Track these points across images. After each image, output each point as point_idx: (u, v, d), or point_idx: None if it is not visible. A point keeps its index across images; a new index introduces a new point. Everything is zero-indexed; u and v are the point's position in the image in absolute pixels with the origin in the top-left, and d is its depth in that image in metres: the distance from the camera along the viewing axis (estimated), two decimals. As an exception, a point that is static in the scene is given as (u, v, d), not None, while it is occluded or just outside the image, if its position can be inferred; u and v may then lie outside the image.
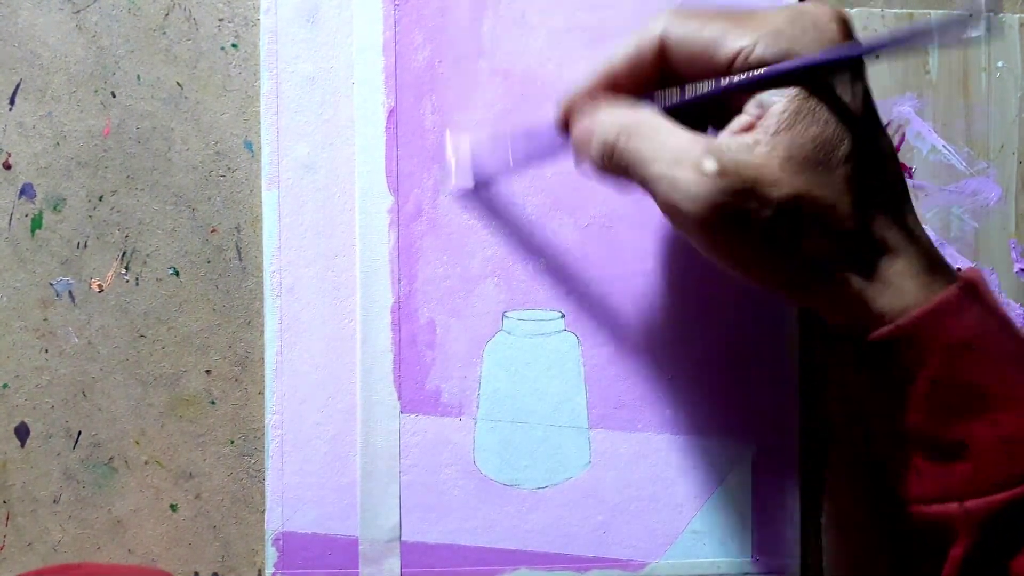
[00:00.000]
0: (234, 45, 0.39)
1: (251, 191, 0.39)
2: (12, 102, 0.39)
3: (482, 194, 0.39)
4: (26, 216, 0.39)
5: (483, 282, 0.39)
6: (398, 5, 0.39)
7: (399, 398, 0.39)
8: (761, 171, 0.27)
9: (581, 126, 0.32)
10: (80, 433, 0.39)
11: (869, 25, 0.40)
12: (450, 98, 0.39)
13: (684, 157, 0.28)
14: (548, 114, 0.34)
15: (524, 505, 0.40)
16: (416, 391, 0.39)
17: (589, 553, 0.40)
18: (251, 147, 0.39)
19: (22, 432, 0.39)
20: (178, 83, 0.39)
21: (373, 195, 0.39)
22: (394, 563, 0.39)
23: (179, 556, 0.39)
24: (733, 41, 0.28)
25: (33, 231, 0.39)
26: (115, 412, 0.39)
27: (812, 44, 0.28)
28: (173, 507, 0.39)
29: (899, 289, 0.28)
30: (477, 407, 0.39)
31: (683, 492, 0.40)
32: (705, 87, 0.29)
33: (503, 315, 0.39)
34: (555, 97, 0.33)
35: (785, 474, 0.40)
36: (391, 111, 0.39)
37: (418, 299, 0.39)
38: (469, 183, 0.38)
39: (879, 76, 0.40)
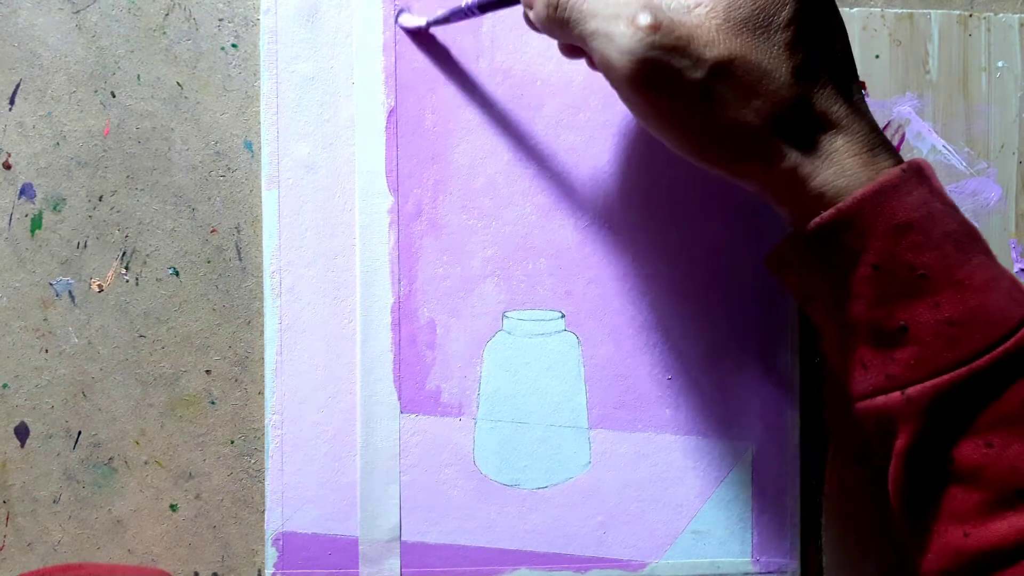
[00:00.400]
0: (234, 45, 0.39)
1: (251, 191, 0.39)
2: (12, 102, 0.39)
3: (433, 31, 0.39)
4: (26, 216, 0.39)
5: (483, 282, 0.39)
6: (398, 5, 0.39)
7: (399, 398, 0.39)
8: (696, 31, 0.27)
9: None
10: (80, 433, 0.39)
11: (869, 25, 0.40)
12: (450, 98, 0.39)
13: (622, 12, 0.28)
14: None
15: (524, 505, 0.40)
16: (416, 391, 0.39)
17: (589, 553, 0.40)
18: (251, 147, 0.39)
19: (22, 432, 0.39)
20: (178, 83, 0.39)
21: (373, 195, 0.39)
22: (394, 563, 0.39)
23: (179, 556, 0.39)
24: None
25: (33, 231, 0.39)
26: (115, 412, 0.39)
27: None
28: (173, 507, 0.39)
29: (839, 166, 0.28)
30: (477, 407, 0.39)
31: (683, 492, 0.40)
32: None
33: (503, 315, 0.39)
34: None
35: (785, 474, 0.40)
36: (391, 111, 0.39)
37: (418, 299, 0.39)
38: (421, 23, 0.38)
39: (879, 76, 0.40)
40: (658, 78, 0.28)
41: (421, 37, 0.39)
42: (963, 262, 0.28)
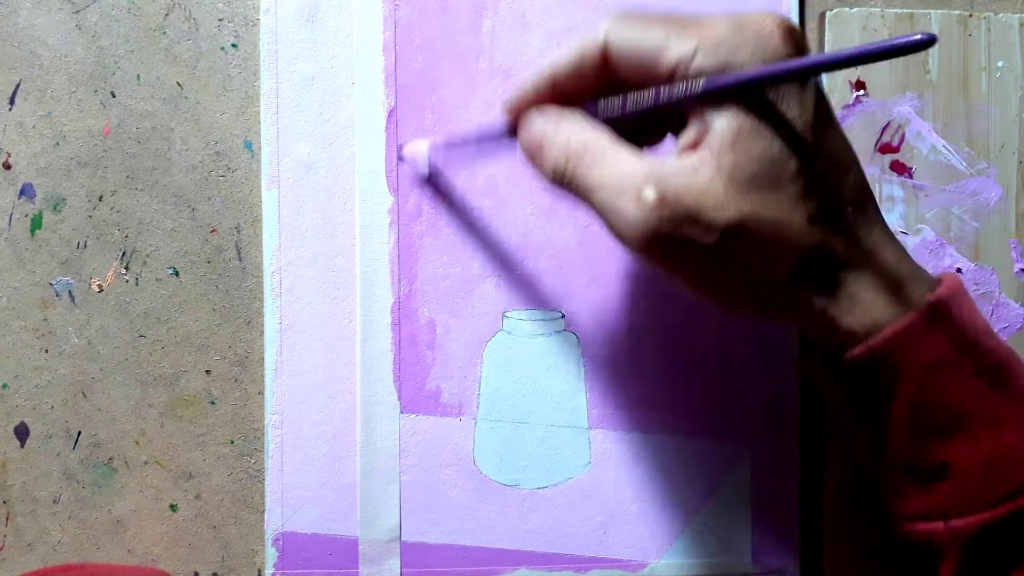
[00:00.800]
0: (234, 45, 0.39)
1: (251, 191, 0.39)
2: (12, 102, 0.39)
3: (437, 182, 0.39)
4: (26, 216, 0.39)
5: (483, 282, 0.39)
6: (398, 5, 0.39)
7: (399, 398, 0.39)
8: (703, 196, 0.26)
9: (527, 136, 0.31)
10: (80, 433, 0.39)
11: (869, 25, 0.40)
12: (450, 98, 0.39)
13: (626, 185, 0.27)
14: (498, 115, 0.34)
15: (524, 505, 0.40)
16: (416, 391, 0.39)
17: (589, 553, 0.40)
18: (251, 147, 0.39)
19: (22, 432, 0.39)
20: (178, 83, 0.39)
21: (373, 195, 0.39)
22: (394, 563, 0.39)
23: (179, 556, 0.39)
24: (673, 50, 0.27)
25: (33, 231, 0.39)
26: (115, 412, 0.39)
27: (753, 56, 0.26)
28: (173, 507, 0.39)
29: (866, 305, 0.27)
30: (477, 407, 0.39)
31: (683, 492, 0.40)
32: (645, 98, 0.28)
33: (503, 315, 0.39)
34: (501, 100, 0.32)
35: (785, 474, 0.40)
36: (391, 111, 0.39)
37: (418, 299, 0.39)
38: (424, 172, 0.38)
39: (879, 76, 0.40)
40: (671, 248, 0.27)
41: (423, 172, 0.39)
42: (999, 398, 0.27)
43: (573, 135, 0.29)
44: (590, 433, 0.40)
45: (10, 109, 0.39)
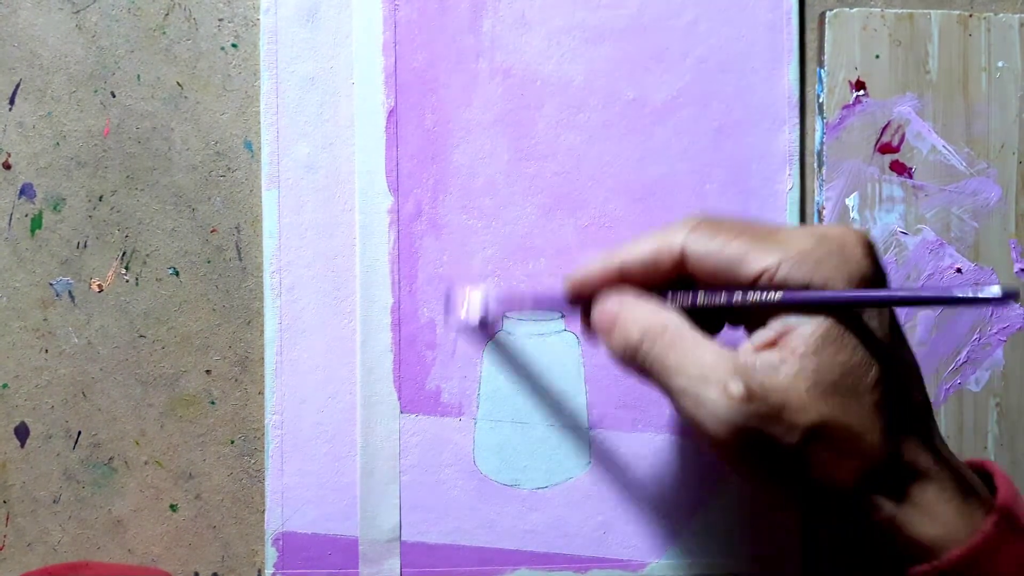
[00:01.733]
0: (234, 45, 0.39)
1: (251, 191, 0.39)
2: (12, 102, 0.39)
3: (484, 331, 0.39)
4: (26, 216, 0.39)
5: (483, 282, 0.39)
6: (398, 5, 0.39)
7: (399, 398, 0.39)
8: (788, 395, 0.27)
9: (602, 312, 0.31)
10: (80, 433, 0.39)
11: (869, 25, 0.40)
12: (450, 98, 0.39)
13: (711, 375, 0.27)
14: (557, 281, 0.34)
15: (524, 505, 0.40)
16: (416, 391, 0.39)
17: (589, 553, 0.40)
18: (251, 147, 0.39)
19: (22, 432, 0.39)
20: (178, 83, 0.39)
21: (373, 195, 0.39)
22: (394, 563, 0.39)
23: (179, 556, 0.39)
24: (756, 261, 0.27)
25: (33, 231, 0.39)
26: (115, 412, 0.39)
27: (838, 271, 0.27)
28: (173, 507, 0.39)
29: (933, 516, 0.27)
30: (477, 407, 0.39)
31: (683, 492, 0.40)
32: (718, 298, 0.29)
33: (503, 315, 0.39)
34: (565, 274, 0.32)
35: (785, 474, 0.40)
36: (391, 111, 0.39)
37: (418, 299, 0.39)
38: (475, 322, 0.38)
39: (879, 76, 0.40)
40: (753, 445, 0.27)
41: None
42: None
43: (650, 315, 0.29)
44: (590, 433, 0.40)
45: (10, 109, 0.39)
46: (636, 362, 0.29)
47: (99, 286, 0.39)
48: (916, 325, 0.41)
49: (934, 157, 0.41)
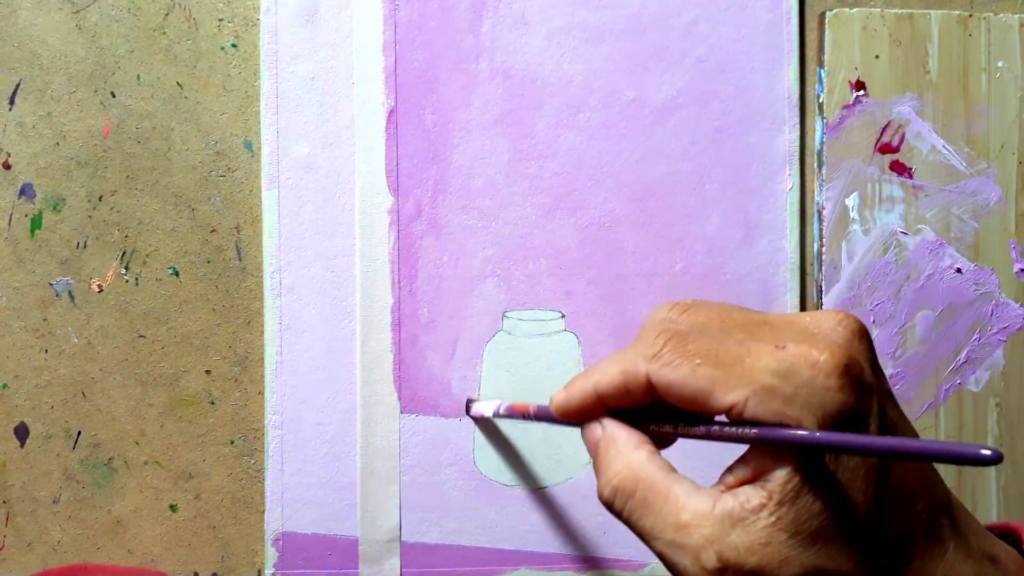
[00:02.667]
0: (234, 45, 0.39)
1: (251, 191, 0.39)
2: (12, 102, 0.39)
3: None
4: (26, 216, 0.39)
5: (483, 282, 0.39)
6: (398, 5, 0.39)
7: (399, 398, 0.39)
8: (765, 554, 0.25)
9: (587, 444, 0.30)
10: (80, 433, 0.39)
11: (869, 25, 0.40)
12: (450, 98, 0.39)
13: (684, 541, 0.26)
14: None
15: (524, 505, 0.39)
16: (416, 391, 0.39)
17: (589, 553, 0.40)
18: (251, 147, 0.39)
19: (22, 432, 0.39)
20: (178, 83, 0.39)
21: (373, 195, 0.39)
22: (394, 563, 0.39)
23: (179, 556, 0.39)
24: (724, 396, 0.25)
25: (33, 231, 0.39)
26: (115, 412, 0.39)
27: (808, 410, 0.24)
28: (173, 507, 0.39)
29: None
30: (477, 407, 0.39)
31: (683, 492, 0.40)
32: (697, 432, 0.27)
33: (503, 315, 0.39)
34: (551, 396, 0.31)
35: (785, 474, 0.40)
36: (391, 111, 0.39)
37: (418, 299, 0.39)
38: (488, 415, 0.38)
39: (879, 76, 0.40)
40: None
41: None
42: None
43: (622, 469, 0.28)
44: (590, 433, 0.40)
45: (10, 109, 0.39)
46: (616, 512, 0.28)
47: (99, 286, 0.39)
48: (916, 325, 0.41)
49: (934, 157, 0.41)
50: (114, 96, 0.39)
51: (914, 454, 0.23)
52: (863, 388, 0.25)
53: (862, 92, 0.40)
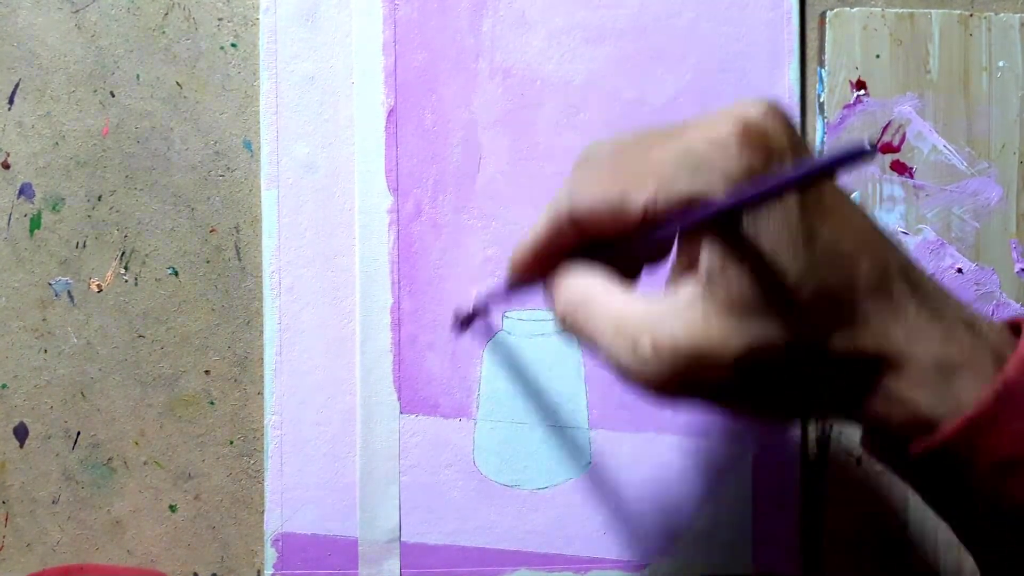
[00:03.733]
0: (233, 44, 0.39)
1: (250, 191, 0.39)
2: (11, 102, 0.39)
3: (480, 322, 0.40)
4: (25, 216, 0.39)
5: (483, 282, 0.39)
6: (398, 5, 0.39)
7: (399, 398, 0.39)
8: (702, 335, 0.24)
9: (548, 292, 0.30)
10: (79, 434, 0.39)
11: (869, 25, 0.40)
12: (450, 98, 0.39)
13: (622, 335, 0.25)
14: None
15: (524, 506, 0.39)
16: (416, 391, 0.39)
17: (589, 553, 0.40)
18: (250, 147, 0.39)
19: (21, 432, 0.39)
20: (177, 83, 0.39)
21: (373, 195, 0.39)
22: (394, 564, 0.39)
23: (178, 557, 0.39)
24: (635, 201, 0.25)
25: (32, 231, 0.39)
26: (114, 412, 0.39)
27: (714, 181, 0.24)
28: (172, 508, 0.39)
29: (911, 406, 0.24)
30: (477, 407, 0.39)
31: (683, 492, 0.40)
32: (626, 246, 0.27)
33: (503, 315, 0.39)
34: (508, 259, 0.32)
35: (785, 474, 0.40)
36: (391, 111, 0.39)
37: (418, 299, 0.39)
38: (467, 311, 0.39)
39: (880, 76, 0.40)
40: (676, 393, 0.25)
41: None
42: None
43: (572, 286, 0.28)
44: (590, 433, 0.40)
45: (9, 109, 0.38)
46: (574, 335, 0.28)
47: (98, 286, 0.39)
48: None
49: (935, 157, 0.40)
50: (113, 96, 0.39)
51: (806, 175, 0.22)
52: (771, 151, 0.24)
53: (863, 92, 0.40)
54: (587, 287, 0.28)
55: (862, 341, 0.24)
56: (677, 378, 0.25)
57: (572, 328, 0.28)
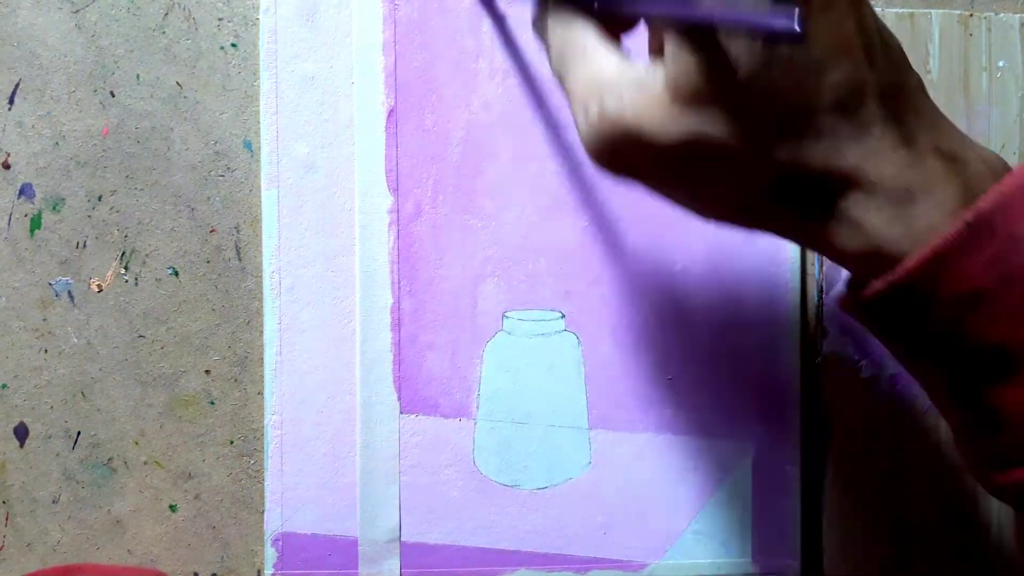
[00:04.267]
0: (234, 44, 0.39)
1: (250, 191, 0.39)
2: (11, 102, 0.39)
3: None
4: (25, 216, 0.39)
5: (483, 282, 0.39)
6: (398, 5, 0.39)
7: (399, 398, 0.39)
8: (645, 113, 0.23)
9: (541, 32, 0.29)
10: (79, 433, 0.39)
11: (870, 25, 0.40)
12: (450, 98, 0.39)
13: (581, 97, 0.25)
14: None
15: (524, 505, 0.39)
16: (416, 391, 0.39)
17: (589, 554, 0.40)
18: (250, 147, 0.39)
19: (21, 432, 0.39)
20: (177, 83, 0.39)
21: (373, 195, 0.39)
22: (394, 564, 0.39)
23: (178, 557, 0.39)
24: None
25: (32, 231, 0.39)
26: (114, 412, 0.39)
27: None
28: (172, 507, 0.39)
29: (875, 231, 0.23)
30: (477, 407, 0.39)
31: (683, 492, 0.40)
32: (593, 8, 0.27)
33: (503, 315, 0.39)
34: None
35: (786, 474, 0.40)
36: (391, 111, 0.39)
37: (418, 299, 0.39)
38: None
39: (880, 76, 0.40)
40: (618, 166, 0.25)
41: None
42: None
43: (558, 35, 0.27)
44: (590, 433, 0.40)
45: (9, 109, 0.39)
46: (560, 82, 0.28)
47: (98, 286, 0.39)
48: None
49: (935, 157, 0.40)
50: (113, 96, 0.39)
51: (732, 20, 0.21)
52: None
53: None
54: (572, 34, 0.27)
55: (809, 154, 0.23)
56: (609, 149, 0.25)
57: (558, 76, 0.28)
